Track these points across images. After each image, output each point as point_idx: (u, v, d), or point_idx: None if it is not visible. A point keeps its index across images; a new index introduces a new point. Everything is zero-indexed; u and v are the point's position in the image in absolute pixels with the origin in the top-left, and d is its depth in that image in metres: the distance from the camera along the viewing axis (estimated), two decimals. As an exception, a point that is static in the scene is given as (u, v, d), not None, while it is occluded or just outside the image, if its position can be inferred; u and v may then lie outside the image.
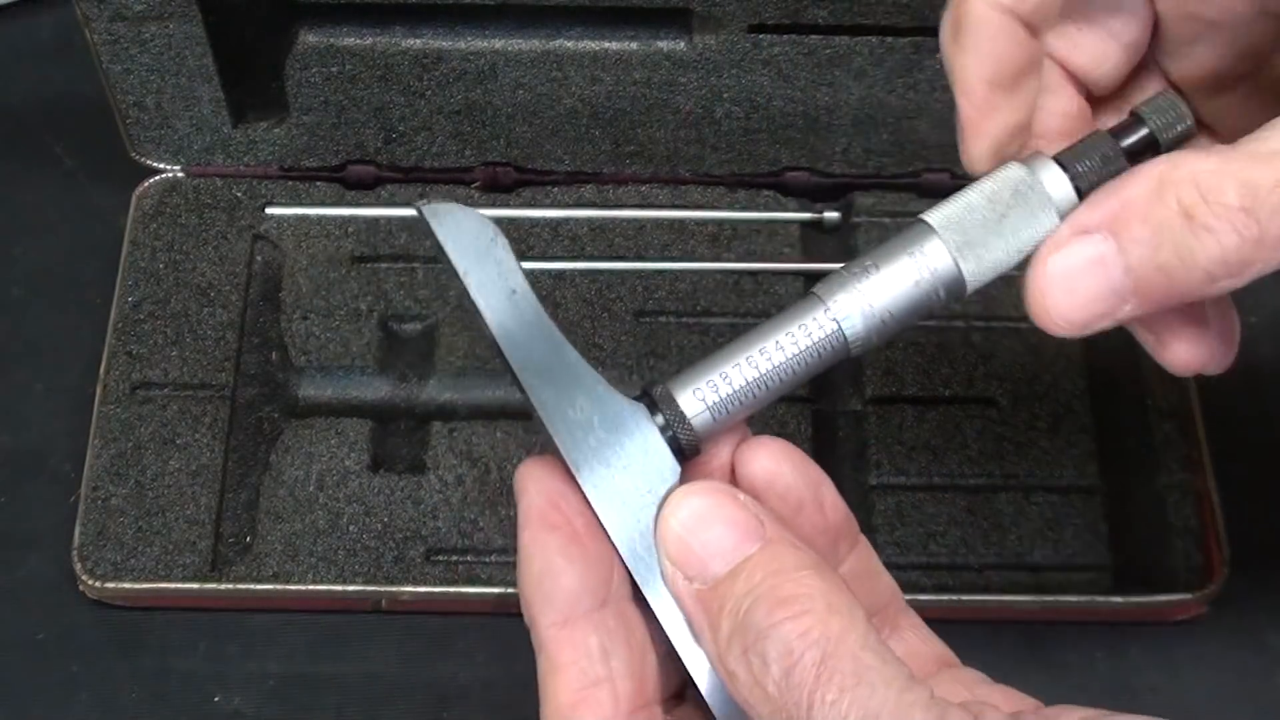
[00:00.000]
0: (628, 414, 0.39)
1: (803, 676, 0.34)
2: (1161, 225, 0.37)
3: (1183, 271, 0.37)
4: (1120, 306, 0.38)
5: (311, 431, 0.67)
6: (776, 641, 0.35)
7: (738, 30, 0.68)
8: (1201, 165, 0.37)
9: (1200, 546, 0.65)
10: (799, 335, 0.39)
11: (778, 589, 0.36)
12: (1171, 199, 0.37)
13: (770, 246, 0.72)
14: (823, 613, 0.35)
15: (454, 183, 0.74)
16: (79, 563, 0.64)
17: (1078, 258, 0.38)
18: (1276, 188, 0.36)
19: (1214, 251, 0.36)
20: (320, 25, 0.69)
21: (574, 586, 0.39)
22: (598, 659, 0.38)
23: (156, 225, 0.72)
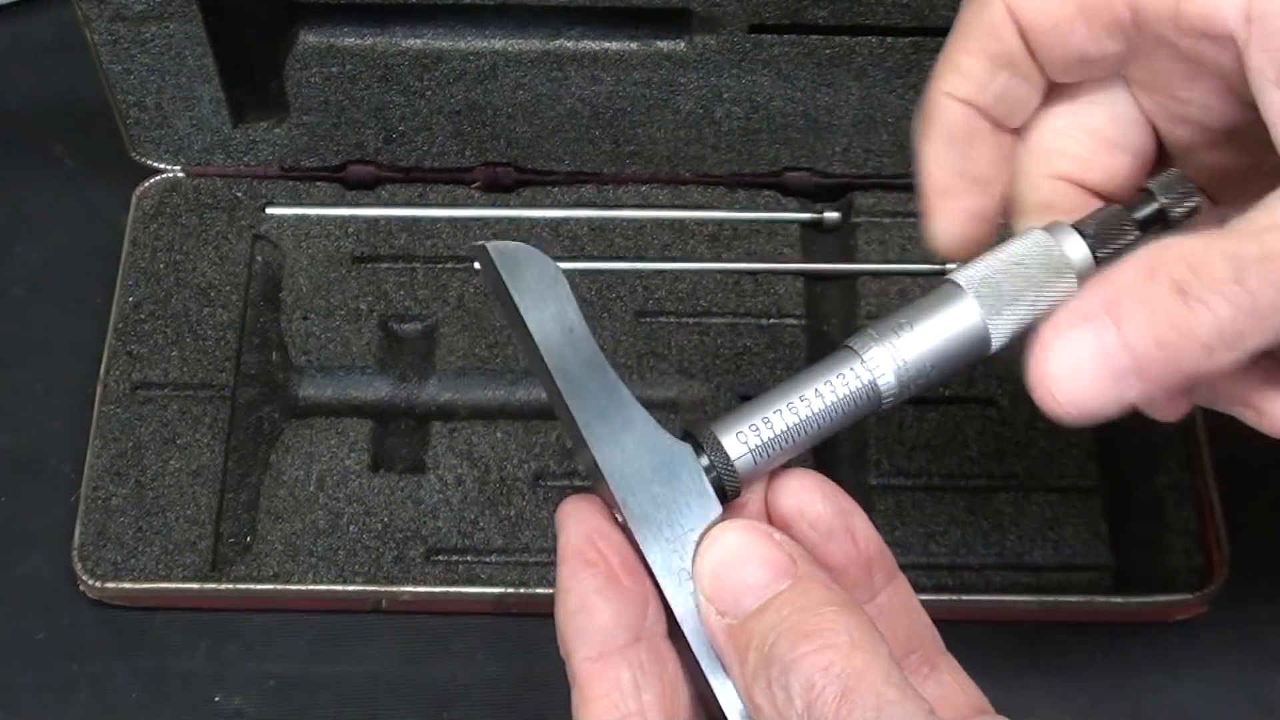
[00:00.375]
0: (675, 454, 0.40)
1: (824, 710, 0.35)
2: (1157, 303, 0.38)
3: (1181, 346, 0.38)
4: (1125, 389, 0.39)
5: (311, 431, 0.67)
6: (800, 675, 0.36)
7: (738, 30, 0.68)
8: (1189, 245, 0.38)
9: (1200, 546, 0.65)
10: (837, 385, 0.41)
11: (803, 623, 0.36)
12: (1164, 277, 0.38)
13: (770, 246, 0.72)
14: (846, 648, 0.36)
15: (454, 183, 0.74)
16: (79, 563, 0.64)
17: (1080, 343, 0.39)
18: (1262, 260, 0.37)
19: (1209, 323, 0.37)
20: (320, 25, 0.69)
21: (608, 622, 0.39)
22: (629, 693, 0.39)
23: (157, 225, 0.72)
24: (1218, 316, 0.37)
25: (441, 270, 0.71)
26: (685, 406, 0.68)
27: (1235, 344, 0.37)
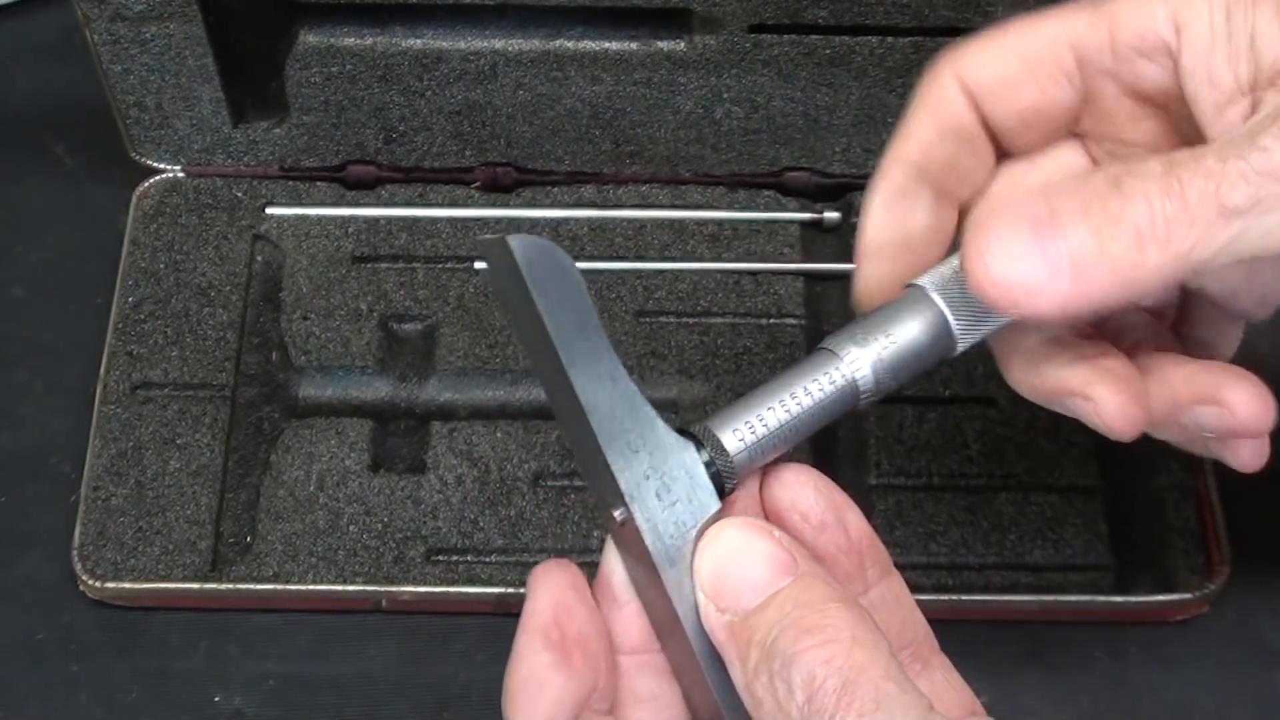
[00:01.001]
0: (676, 448, 0.41)
1: (824, 702, 0.35)
2: (1092, 193, 0.38)
3: (1114, 234, 0.38)
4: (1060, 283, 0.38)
5: (311, 431, 0.67)
6: (801, 668, 0.36)
7: (738, 30, 0.68)
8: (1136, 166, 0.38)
9: (1200, 546, 0.65)
10: (823, 383, 0.42)
11: (805, 619, 0.37)
12: (1100, 175, 0.38)
13: (770, 246, 0.72)
14: (848, 643, 0.36)
15: (454, 183, 0.74)
16: (79, 563, 0.64)
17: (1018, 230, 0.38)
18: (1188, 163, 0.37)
19: (1142, 211, 0.37)
20: (320, 25, 0.69)
21: (554, 697, 0.40)
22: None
23: (157, 225, 0.72)
24: (1150, 206, 0.37)
25: (441, 270, 0.71)
26: (685, 406, 0.68)
27: (1165, 240, 0.38)
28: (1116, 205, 0.38)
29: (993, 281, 0.39)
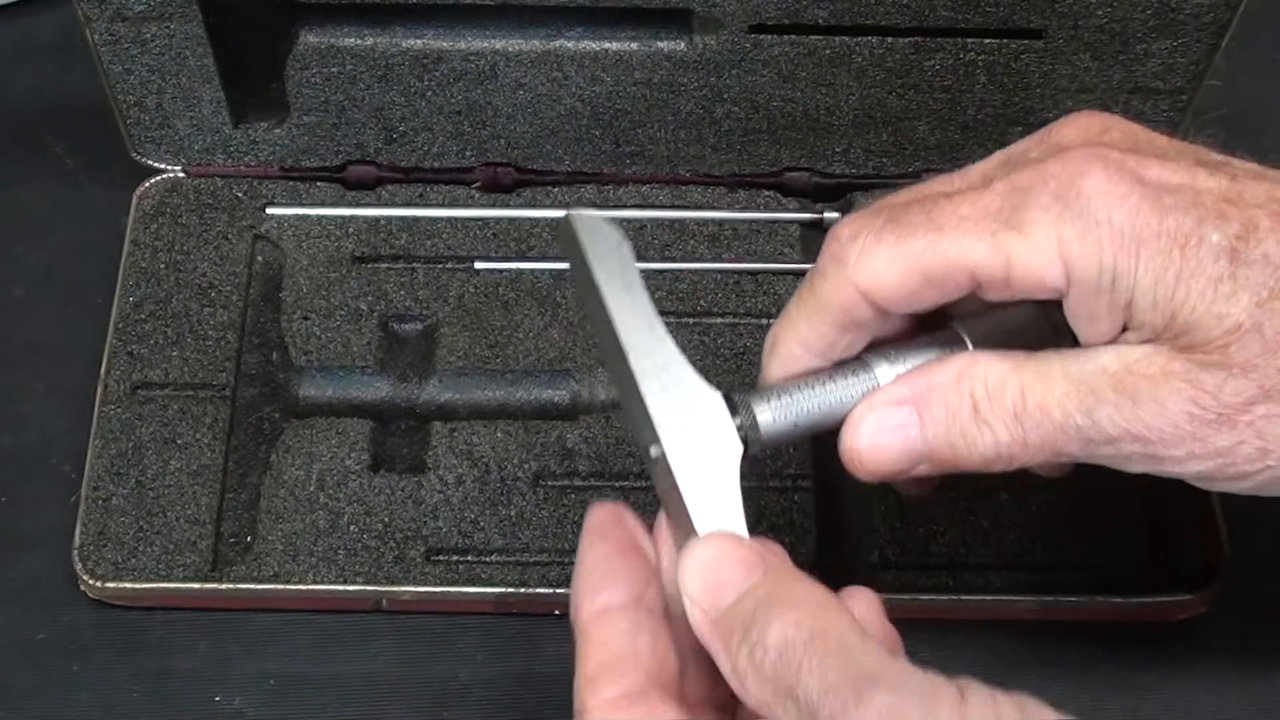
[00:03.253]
0: (706, 396, 0.47)
1: (794, 651, 0.40)
2: (954, 411, 0.46)
3: (965, 452, 0.46)
4: (915, 465, 0.47)
5: (312, 431, 0.67)
6: (774, 631, 0.41)
7: (738, 30, 0.68)
8: (995, 367, 0.46)
9: (1200, 546, 0.65)
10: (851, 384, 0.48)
11: (774, 595, 0.42)
12: (966, 390, 0.46)
13: (770, 246, 0.72)
14: (814, 608, 0.41)
15: (454, 183, 0.74)
16: (79, 563, 0.64)
17: (887, 422, 0.47)
18: (1039, 406, 0.45)
19: (989, 442, 0.46)
20: (320, 25, 0.69)
21: (613, 582, 0.45)
22: (625, 635, 0.44)
23: (157, 225, 0.72)
24: (997, 440, 0.46)
25: (441, 270, 0.71)
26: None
27: (1008, 462, 0.46)
28: (971, 433, 0.46)
29: (859, 465, 0.48)
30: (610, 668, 0.44)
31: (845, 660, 0.39)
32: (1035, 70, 0.68)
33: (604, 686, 0.43)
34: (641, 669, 0.44)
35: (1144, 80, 0.68)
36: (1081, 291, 0.44)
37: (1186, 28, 0.66)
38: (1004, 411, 0.45)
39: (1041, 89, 0.69)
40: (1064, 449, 0.46)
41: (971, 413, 0.46)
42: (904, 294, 0.46)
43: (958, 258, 0.45)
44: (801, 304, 0.49)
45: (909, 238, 0.45)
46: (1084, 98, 0.69)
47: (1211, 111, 0.71)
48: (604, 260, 0.48)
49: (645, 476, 0.66)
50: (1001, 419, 0.45)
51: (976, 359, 0.47)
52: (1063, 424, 0.45)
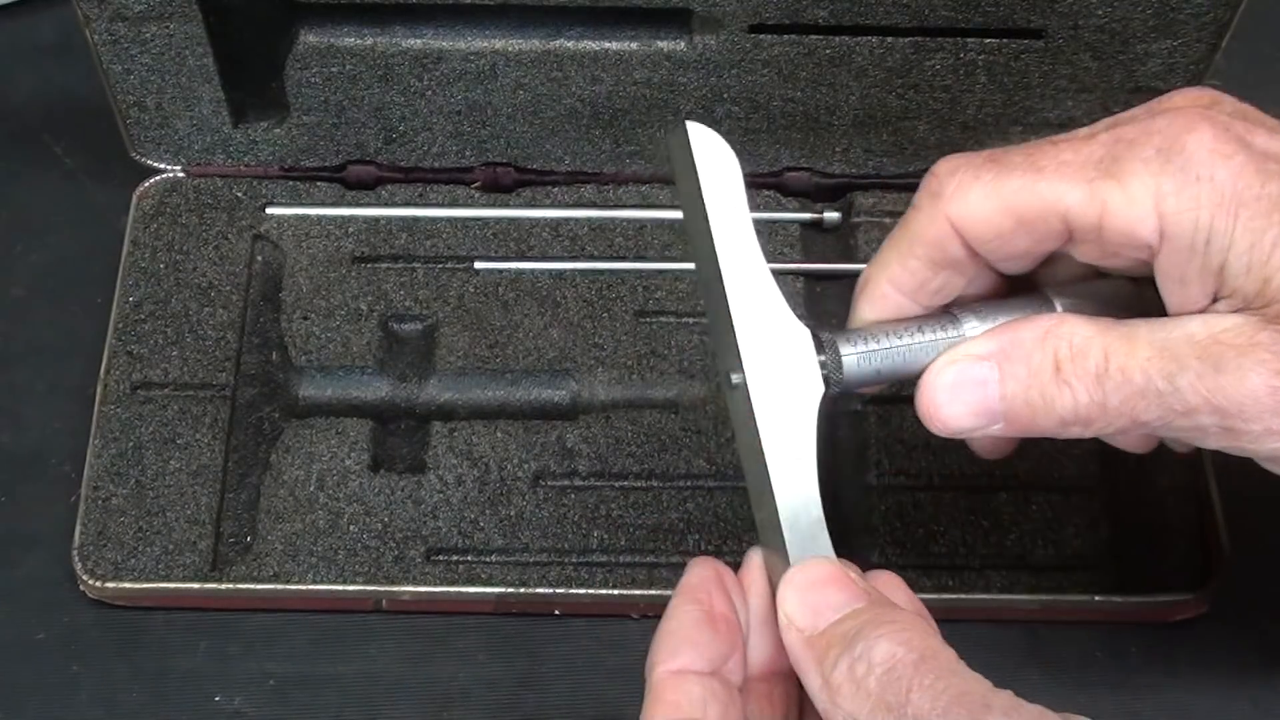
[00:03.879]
0: (795, 332, 0.47)
1: (903, 670, 0.40)
2: (1036, 370, 0.45)
3: (1043, 412, 0.45)
4: (991, 424, 0.46)
5: (312, 431, 0.67)
6: (881, 648, 0.41)
7: (738, 30, 0.68)
8: (1081, 328, 0.45)
9: (1200, 546, 0.65)
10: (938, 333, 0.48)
11: (881, 616, 0.42)
12: (1050, 349, 0.45)
13: (770, 246, 0.72)
14: (922, 634, 0.41)
15: (454, 183, 0.74)
16: (79, 563, 0.64)
17: (968, 376, 0.46)
18: (1121, 370, 0.44)
19: (1068, 403, 0.45)
20: (320, 25, 0.69)
21: (695, 647, 0.45)
22: (696, 703, 0.44)
23: (157, 225, 0.72)
24: (1076, 402, 0.45)
25: (441, 270, 0.71)
26: (685, 406, 0.68)
27: (1086, 426, 0.45)
28: (1050, 392, 0.45)
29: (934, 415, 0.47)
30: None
31: (960, 685, 0.39)
32: (1035, 70, 0.68)
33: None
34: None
35: (1144, 80, 0.68)
36: (1174, 250, 0.44)
37: (1186, 28, 0.66)
38: (1086, 373, 0.44)
39: (1041, 89, 0.69)
40: (1142, 416, 0.44)
41: (1054, 372, 0.45)
42: (996, 232, 0.46)
43: (1053, 199, 0.44)
44: (894, 241, 0.48)
45: (1007, 176, 0.45)
46: (1084, 98, 0.69)
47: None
48: (714, 177, 0.47)
49: (645, 476, 0.66)
50: (1083, 380, 0.44)
51: (1064, 319, 0.46)
52: (1144, 389, 0.44)
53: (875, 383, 0.49)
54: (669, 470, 0.67)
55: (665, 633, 0.45)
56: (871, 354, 0.47)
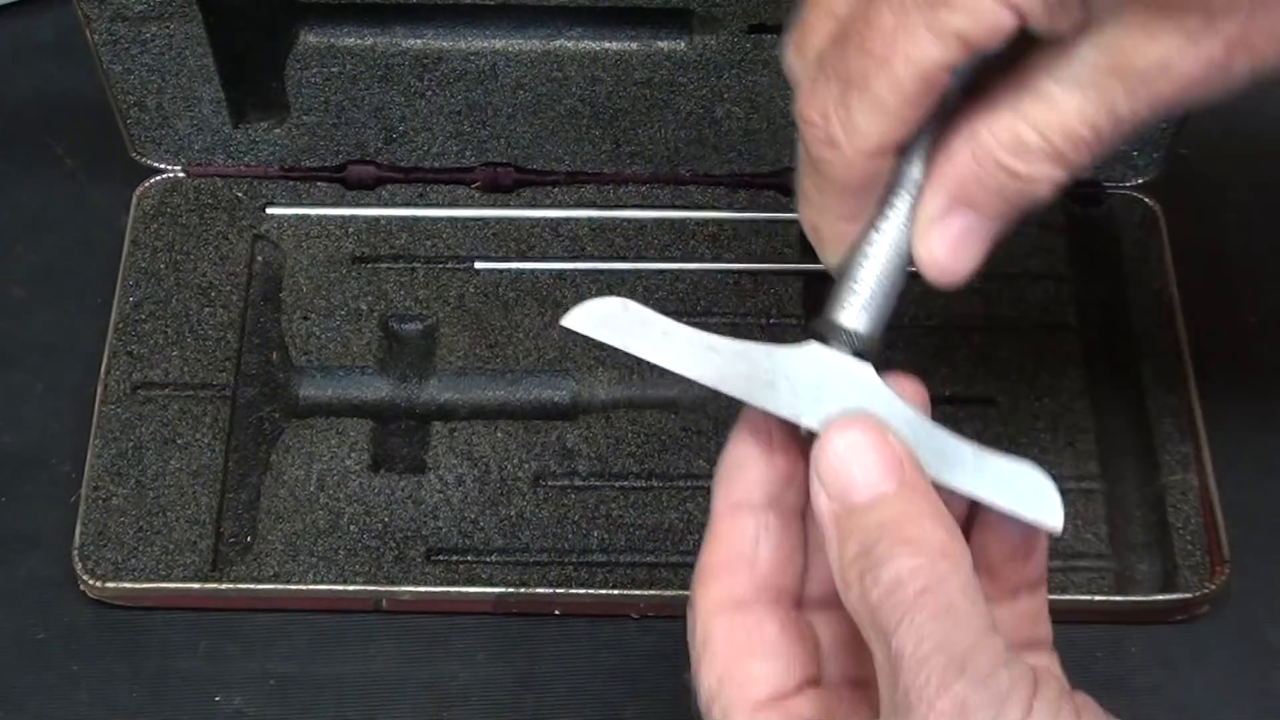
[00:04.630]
0: (804, 357, 0.45)
1: (902, 597, 0.39)
2: (998, 186, 0.43)
3: (1032, 202, 0.44)
4: (989, 242, 0.45)
5: (312, 431, 0.67)
6: (890, 569, 0.40)
7: (738, 30, 0.68)
8: (999, 123, 0.43)
9: (1200, 546, 0.65)
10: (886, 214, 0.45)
11: (901, 529, 0.41)
12: (991, 162, 0.43)
13: (770, 246, 0.72)
14: (935, 556, 0.40)
15: (454, 183, 0.74)
16: (79, 562, 0.64)
17: (948, 239, 0.44)
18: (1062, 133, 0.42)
19: (1046, 187, 0.43)
20: (320, 25, 0.69)
21: (751, 480, 0.45)
22: (748, 539, 0.45)
23: (157, 225, 0.72)
24: (1052, 180, 0.43)
25: (441, 270, 0.71)
26: (685, 406, 0.68)
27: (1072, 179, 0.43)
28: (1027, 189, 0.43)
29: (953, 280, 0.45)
30: (725, 568, 0.45)
31: (947, 630, 0.39)
32: (1035, 70, 0.68)
33: (713, 586, 0.45)
34: (755, 575, 0.45)
35: (1144, 80, 0.68)
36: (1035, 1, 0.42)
37: (1186, 28, 0.66)
38: (1038, 158, 0.43)
39: (1041, 89, 0.69)
40: (1108, 148, 0.43)
41: (1012, 178, 0.43)
42: (903, 128, 0.44)
43: (921, 71, 0.42)
44: (822, 189, 0.46)
45: (869, 88, 0.43)
46: (1084, 98, 0.69)
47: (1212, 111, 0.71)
48: (625, 336, 0.46)
49: (645, 476, 0.67)
50: (1040, 166, 0.43)
51: (976, 126, 0.44)
52: (1094, 138, 0.43)
53: (895, 303, 0.46)
54: (669, 470, 0.66)
55: (724, 467, 0.46)
56: (870, 300, 0.46)
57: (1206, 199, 0.74)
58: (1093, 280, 0.72)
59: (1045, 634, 0.48)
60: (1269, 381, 0.71)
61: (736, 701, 0.44)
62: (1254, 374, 0.71)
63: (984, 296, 0.71)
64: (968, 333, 0.70)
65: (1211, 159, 0.74)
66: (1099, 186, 0.73)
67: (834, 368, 0.44)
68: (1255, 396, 0.70)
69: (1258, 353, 0.72)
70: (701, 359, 0.45)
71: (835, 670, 0.46)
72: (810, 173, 0.46)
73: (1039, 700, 0.38)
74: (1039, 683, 0.39)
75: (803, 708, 0.44)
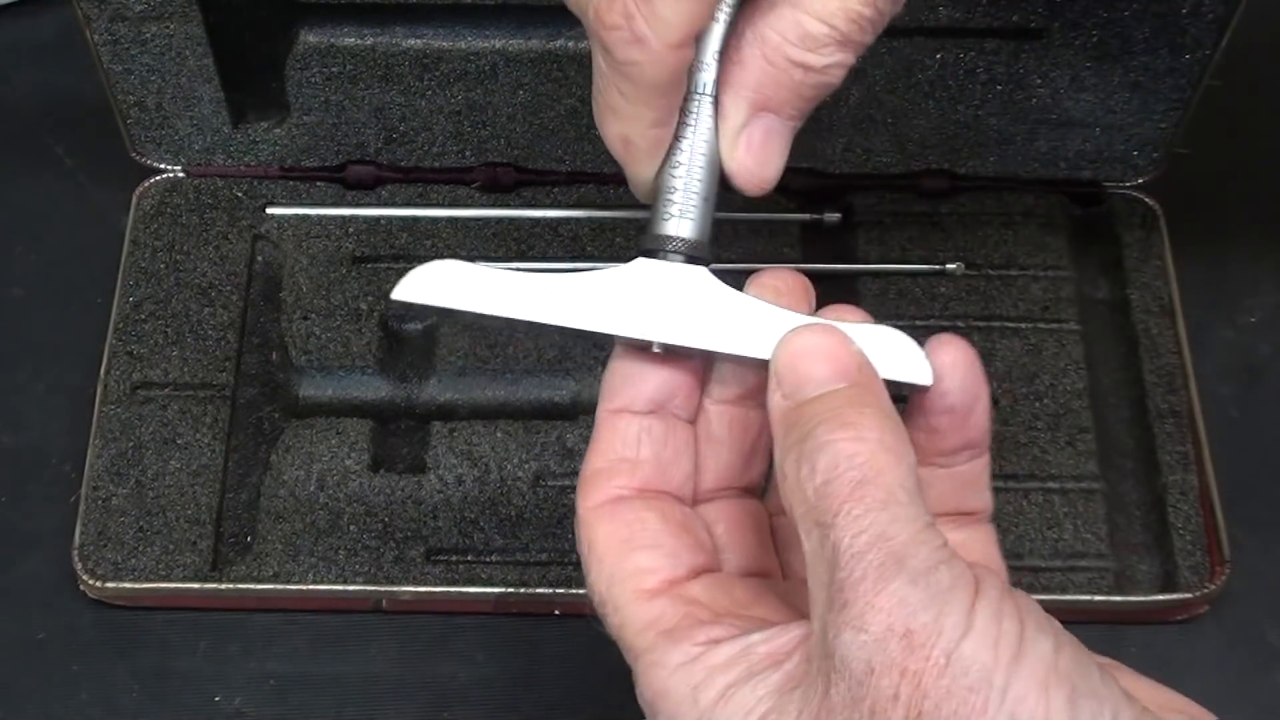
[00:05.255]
0: (641, 273, 0.45)
1: (839, 489, 0.38)
2: (794, 83, 0.44)
3: (838, 82, 0.44)
4: (790, 142, 0.46)
5: (312, 431, 0.67)
6: (827, 454, 0.39)
7: (738, 30, 0.68)
8: (783, 24, 0.43)
9: (1201, 546, 0.65)
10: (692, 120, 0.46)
11: (844, 414, 0.40)
12: (781, 58, 0.44)
13: (770, 246, 0.72)
14: (875, 445, 0.39)
15: (454, 183, 0.74)
16: (79, 563, 0.64)
17: (755, 142, 0.46)
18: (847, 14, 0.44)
19: (837, 71, 0.44)
20: (320, 25, 0.69)
21: (634, 389, 0.45)
22: (630, 442, 0.44)
23: (157, 225, 0.72)
24: (843, 62, 0.44)
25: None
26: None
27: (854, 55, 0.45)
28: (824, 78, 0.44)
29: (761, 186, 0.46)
30: (605, 472, 0.44)
31: (885, 524, 0.37)
32: (1035, 70, 0.68)
33: (594, 490, 0.44)
34: (637, 476, 0.44)
35: (1144, 80, 0.68)
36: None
37: (1186, 28, 0.66)
38: (827, 47, 0.44)
39: (1041, 89, 0.69)
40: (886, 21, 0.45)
41: (806, 72, 0.44)
42: (704, 9, 0.44)
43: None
44: (631, 97, 0.46)
45: None
46: (1084, 97, 0.69)
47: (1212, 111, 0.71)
48: (457, 295, 0.45)
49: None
50: (831, 55, 0.44)
51: (760, 29, 0.44)
52: (874, 13, 0.44)
53: (714, 205, 0.47)
54: (669, 470, 0.66)
55: (607, 374, 0.45)
56: (691, 205, 0.46)
57: (1206, 199, 0.74)
58: (1093, 280, 0.72)
59: (984, 504, 0.46)
60: (1269, 382, 0.71)
61: (627, 594, 0.43)
62: (1254, 375, 0.71)
63: (984, 296, 0.71)
64: (967, 333, 0.70)
65: (1211, 159, 0.74)
66: (1099, 186, 0.73)
67: (668, 278, 0.45)
68: (1255, 398, 0.70)
69: (1257, 354, 0.72)
70: (538, 301, 0.44)
71: (735, 562, 0.46)
72: (617, 81, 0.46)
73: (981, 600, 0.37)
74: (980, 582, 0.37)
75: (696, 591, 0.43)
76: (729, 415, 0.46)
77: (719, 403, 0.46)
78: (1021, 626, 0.37)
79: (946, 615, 0.36)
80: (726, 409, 0.46)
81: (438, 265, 0.45)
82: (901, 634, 0.36)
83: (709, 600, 0.43)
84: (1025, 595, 0.38)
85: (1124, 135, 0.71)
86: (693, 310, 0.44)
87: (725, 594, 0.43)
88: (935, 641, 0.35)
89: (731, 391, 0.46)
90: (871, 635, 0.36)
